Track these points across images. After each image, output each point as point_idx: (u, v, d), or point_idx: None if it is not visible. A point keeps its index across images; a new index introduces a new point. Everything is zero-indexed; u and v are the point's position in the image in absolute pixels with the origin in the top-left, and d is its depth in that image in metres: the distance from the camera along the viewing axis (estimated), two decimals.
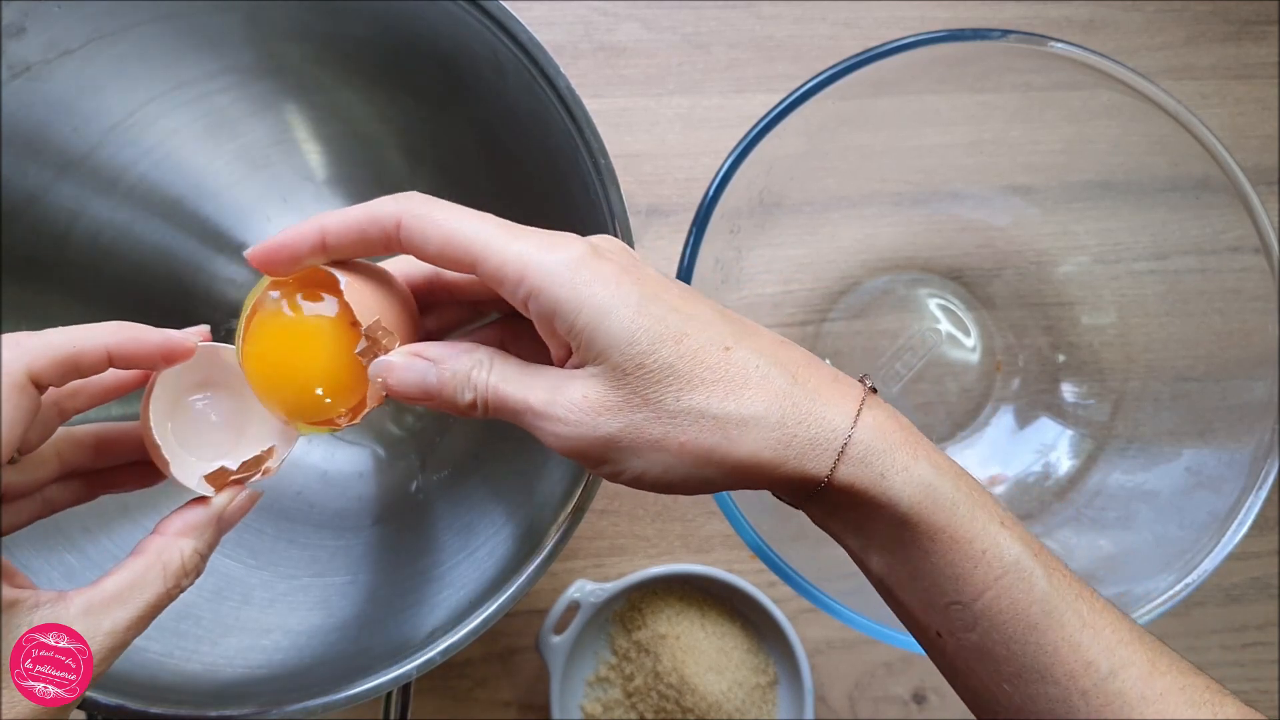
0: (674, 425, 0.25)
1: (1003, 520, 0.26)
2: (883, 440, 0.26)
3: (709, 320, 0.26)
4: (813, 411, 0.25)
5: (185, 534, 0.28)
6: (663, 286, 0.26)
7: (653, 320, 0.25)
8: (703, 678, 0.47)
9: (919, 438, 0.27)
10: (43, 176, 0.38)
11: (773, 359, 0.26)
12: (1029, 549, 0.26)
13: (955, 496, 0.26)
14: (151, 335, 0.27)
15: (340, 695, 0.33)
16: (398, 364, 0.27)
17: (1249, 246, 0.41)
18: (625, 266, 0.26)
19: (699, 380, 0.25)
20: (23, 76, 0.34)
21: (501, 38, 0.33)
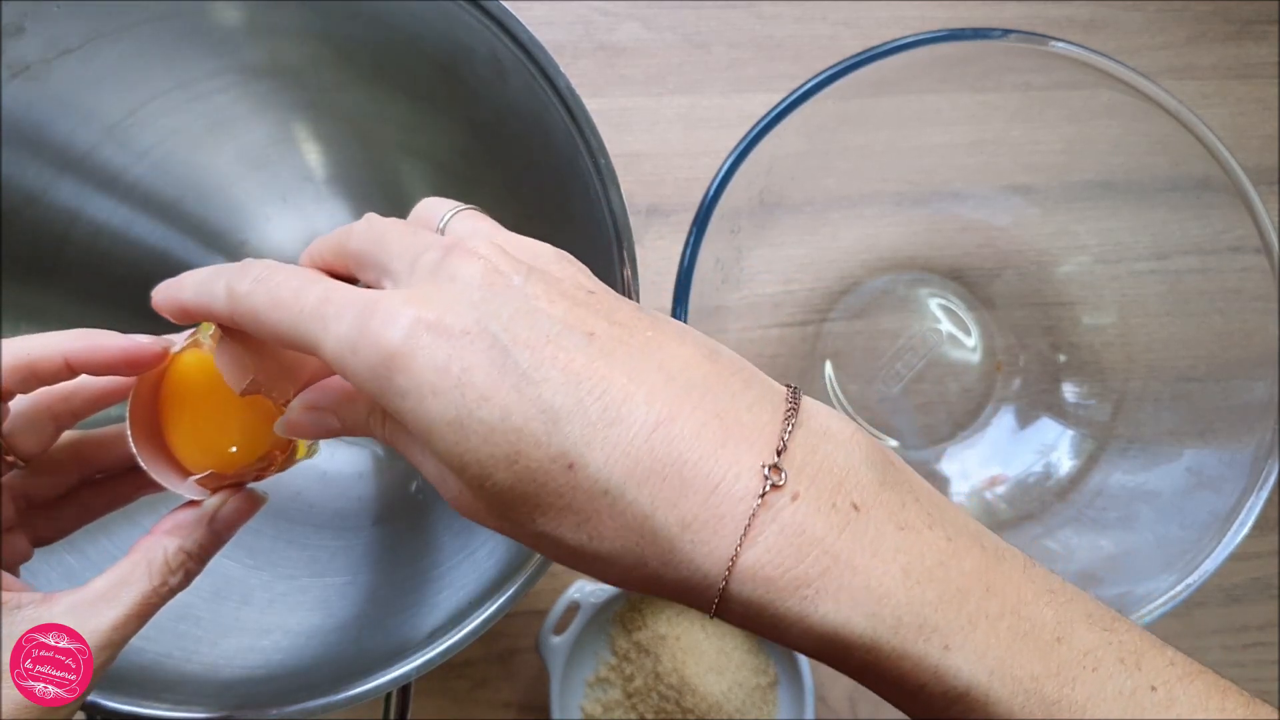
0: (539, 544, 0.22)
1: (948, 642, 0.20)
2: (767, 588, 0.20)
3: (549, 423, 0.20)
4: (676, 553, 0.20)
5: (171, 533, 0.27)
6: (497, 373, 0.20)
7: (478, 441, 0.20)
8: (703, 678, 0.47)
9: (829, 553, 0.20)
10: (42, 176, 0.37)
11: (629, 473, 0.20)
12: (984, 666, 0.20)
13: (875, 635, 0.20)
14: (112, 342, 0.27)
15: (340, 696, 0.33)
16: (295, 422, 0.25)
17: (1250, 246, 0.41)
18: (453, 351, 0.21)
19: (546, 504, 0.21)
20: (22, 76, 0.34)
21: (501, 37, 0.33)
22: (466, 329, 0.21)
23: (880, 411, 0.50)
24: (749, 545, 0.20)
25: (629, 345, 0.22)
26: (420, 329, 0.21)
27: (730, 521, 0.20)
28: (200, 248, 0.45)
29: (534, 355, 0.21)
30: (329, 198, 0.47)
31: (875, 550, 0.20)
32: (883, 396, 0.50)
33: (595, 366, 0.21)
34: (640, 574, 0.21)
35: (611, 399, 0.20)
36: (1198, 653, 0.24)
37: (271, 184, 0.45)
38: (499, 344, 0.21)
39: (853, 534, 0.20)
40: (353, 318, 0.21)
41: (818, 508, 0.20)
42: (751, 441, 0.21)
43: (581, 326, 0.21)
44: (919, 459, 0.50)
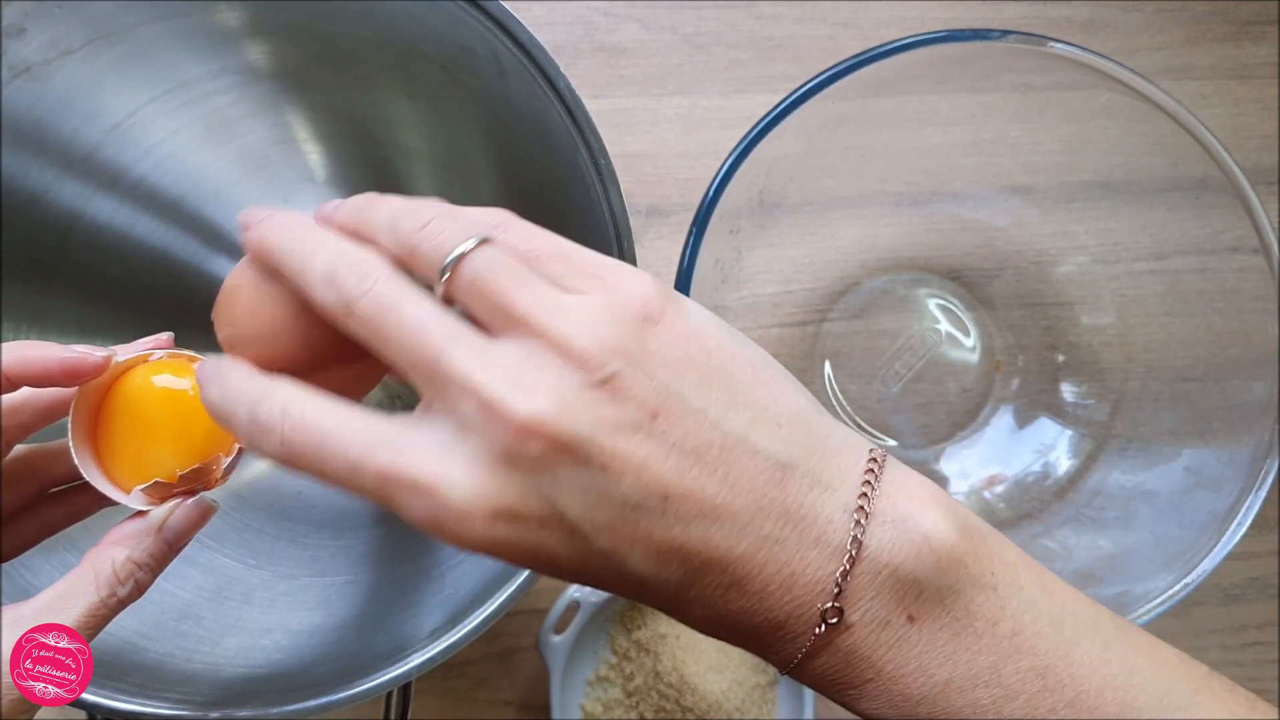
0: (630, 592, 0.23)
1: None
2: (820, 682, 0.22)
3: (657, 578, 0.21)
4: (762, 646, 0.22)
5: (120, 543, 0.27)
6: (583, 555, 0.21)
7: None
8: (703, 677, 0.47)
9: (878, 662, 0.22)
10: (44, 177, 0.38)
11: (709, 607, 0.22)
12: None
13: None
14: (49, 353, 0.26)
15: (340, 695, 0.33)
16: None
17: (1248, 246, 0.41)
18: (537, 542, 0.21)
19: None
20: (23, 77, 0.34)
21: (501, 38, 0.33)
22: (545, 519, 0.20)
23: (879, 411, 0.50)
24: (810, 658, 0.22)
25: (708, 436, 0.21)
26: (498, 522, 0.20)
27: (796, 641, 0.22)
28: (202, 248, 0.45)
29: (612, 536, 0.21)
30: (329, 198, 0.47)
31: (920, 664, 0.21)
32: (882, 396, 0.50)
33: (673, 537, 0.21)
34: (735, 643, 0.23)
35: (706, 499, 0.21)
36: (1196, 652, 0.24)
37: (272, 184, 0.46)
38: (578, 532, 0.21)
39: (901, 648, 0.21)
40: (421, 502, 0.20)
41: (871, 629, 0.21)
42: (818, 568, 0.21)
43: (659, 490, 0.20)
44: (918, 459, 0.50)
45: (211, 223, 0.45)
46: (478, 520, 0.20)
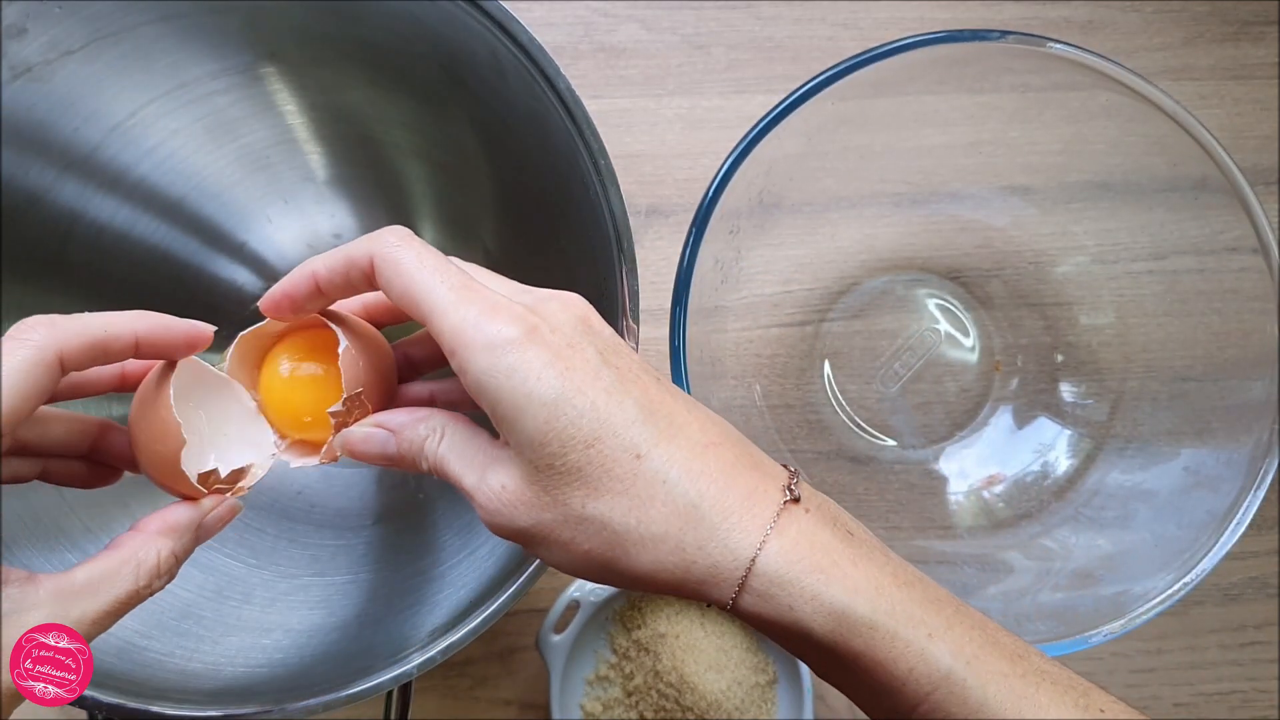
0: (579, 531, 0.25)
1: (932, 631, 0.25)
2: (790, 567, 0.24)
3: (628, 421, 0.25)
4: (714, 537, 0.24)
5: (166, 534, 0.28)
6: (592, 375, 0.25)
7: (566, 422, 0.24)
8: (702, 676, 0.47)
9: (835, 552, 0.25)
10: (44, 177, 0.38)
11: (686, 470, 0.25)
12: (962, 657, 0.25)
13: (874, 617, 0.24)
14: (177, 323, 0.28)
15: (341, 694, 0.33)
16: (356, 437, 0.28)
17: (1247, 247, 0.41)
18: (558, 351, 0.25)
19: (606, 489, 0.24)
20: (24, 77, 0.35)
21: (501, 39, 0.33)
22: (573, 343, 0.25)
23: (879, 411, 0.50)
24: (775, 535, 0.25)
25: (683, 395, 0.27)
26: (540, 329, 0.25)
27: (761, 519, 0.25)
28: (202, 248, 0.45)
29: (620, 376, 0.25)
30: (330, 198, 0.47)
31: (870, 560, 0.26)
32: (881, 396, 0.50)
33: (664, 398, 0.26)
34: (674, 559, 0.25)
35: (675, 420, 0.26)
36: (1195, 651, 0.24)
37: (273, 185, 0.46)
38: (598, 360, 0.25)
39: (851, 546, 0.26)
40: (483, 306, 0.25)
41: (824, 523, 0.26)
42: (774, 476, 0.26)
43: (651, 372, 0.27)
44: (917, 458, 0.50)
45: (212, 223, 0.45)
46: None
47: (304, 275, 0.28)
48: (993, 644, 0.25)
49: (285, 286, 0.28)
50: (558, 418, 0.24)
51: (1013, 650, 0.26)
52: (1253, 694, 0.51)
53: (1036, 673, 0.25)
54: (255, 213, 0.46)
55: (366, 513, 0.47)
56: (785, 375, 0.50)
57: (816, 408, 0.50)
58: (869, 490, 0.49)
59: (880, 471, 0.50)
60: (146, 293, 0.44)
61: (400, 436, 0.27)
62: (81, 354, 0.26)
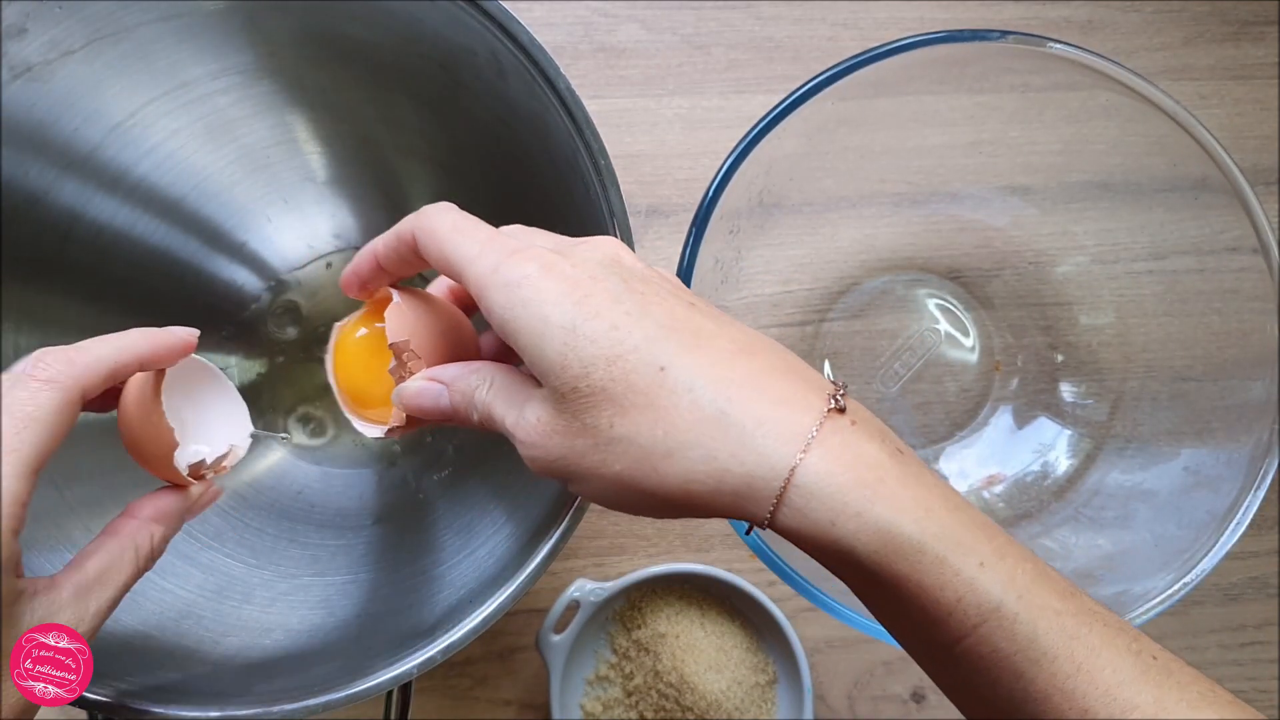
0: (609, 453, 0.24)
1: (983, 560, 0.23)
2: (831, 481, 0.23)
3: (651, 336, 0.24)
4: (748, 445, 0.23)
5: (158, 520, 0.29)
6: (612, 300, 0.24)
7: (585, 342, 0.24)
8: (702, 676, 0.47)
9: (883, 468, 0.23)
10: (44, 177, 0.38)
11: (712, 378, 0.24)
12: (1013, 589, 0.23)
13: (922, 540, 0.23)
14: (170, 334, 0.29)
15: (341, 694, 0.33)
16: (410, 390, 0.28)
17: (1247, 247, 0.41)
18: (576, 282, 0.25)
19: (630, 405, 0.24)
20: (24, 77, 0.35)
21: (502, 39, 0.33)
22: (595, 275, 0.25)
23: (879, 411, 0.50)
24: (818, 445, 0.23)
25: (717, 315, 0.26)
26: (558, 265, 0.25)
27: (800, 427, 0.23)
28: (202, 248, 0.45)
29: (644, 300, 0.25)
30: (330, 198, 0.47)
31: (919, 480, 0.24)
32: (881, 396, 0.50)
33: (692, 316, 0.25)
34: (706, 468, 0.23)
35: (701, 332, 0.25)
36: (1195, 651, 0.24)
37: (273, 185, 0.46)
38: (621, 287, 0.25)
39: (899, 464, 0.24)
40: (504, 252, 0.26)
41: (870, 436, 0.24)
42: (816, 385, 0.25)
43: (685, 297, 0.26)
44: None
45: (212, 223, 0.45)
46: None
47: (366, 254, 0.30)
48: (1044, 577, 0.24)
49: (353, 265, 0.30)
50: (576, 339, 0.24)
51: (1064, 587, 0.24)
52: (1253, 694, 0.51)
53: (1088, 611, 0.24)
54: (255, 213, 0.46)
55: (366, 513, 0.47)
56: None
57: None
58: None
59: None
60: (146, 293, 0.44)
61: (453, 389, 0.28)
62: (100, 386, 0.27)
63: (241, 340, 0.48)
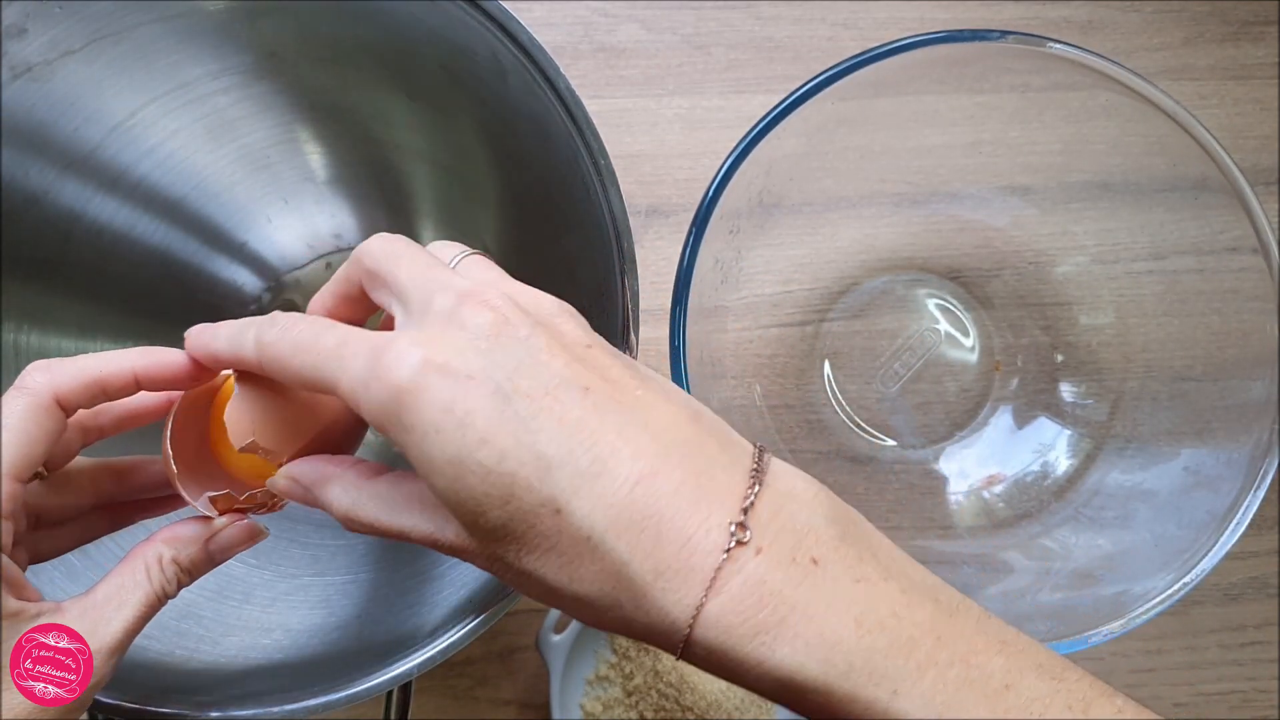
0: (523, 582, 0.24)
1: (897, 688, 0.21)
2: (728, 633, 0.22)
3: (542, 468, 0.22)
4: (648, 599, 0.22)
5: (169, 542, 0.28)
6: (497, 417, 0.22)
7: (475, 480, 0.22)
8: (702, 676, 0.47)
9: (787, 604, 0.22)
10: (44, 177, 0.38)
11: (611, 522, 0.22)
12: (933, 708, 0.22)
13: (828, 680, 0.21)
14: (179, 357, 0.28)
15: (341, 694, 0.33)
16: (279, 486, 0.28)
17: (1247, 247, 0.41)
18: (455, 392, 0.22)
19: (534, 545, 0.22)
20: (24, 77, 0.35)
21: (502, 39, 0.33)
22: (472, 374, 0.22)
23: (878, 411, 0.50)
24: (714, 594, 0.22)
25: (620, 402, 0.23)
26: (429, 370, 0.22)
27: (699, 573, 0.22)
28: (202, 248, 0.45)
29: (532, 405, 0.22)
30: (330, 199, 0.47)
31: (830, 601, 0.22)
32: (881, 396, 0.50)
33: (587, 421, 0.22)
34: (613, 616, 0.23)
35: (600, 452, 0.22)
36: (1195, 651, 0.24)
37: (273, 185, 0.46)
38: (501, 391, 0.22)
39: (810, 585, 0.22)
40: (367, 357, 0.23)
41: (778, 562, 0.22)
42: (723, 500, 0.22)
43: (578, 381, 0.23)
44: (917, 458, 0.50)
45: (212, 223, 0.45)
46: (417, 366, 0.22)
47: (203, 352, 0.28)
48: (973, 682, 0.22)
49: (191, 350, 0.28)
50: (465, 478, 0.22)
51: (1000, 681, 0.22)
52: (1253, 694, 0.51)
53: (1024, 705, 0.22)
54: (255, 213, 0.46)
55: None
56: (785, 375, 0.50)
57: (816, 408, 0.50)
58: (869, 490, 0.49)
59: (880, 471, 0.50)
60: (146, 293, 0.44)
61: (319, 491, 0.27)
62: (79, 394, 0.27)
63: None
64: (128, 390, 0.28)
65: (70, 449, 0.29)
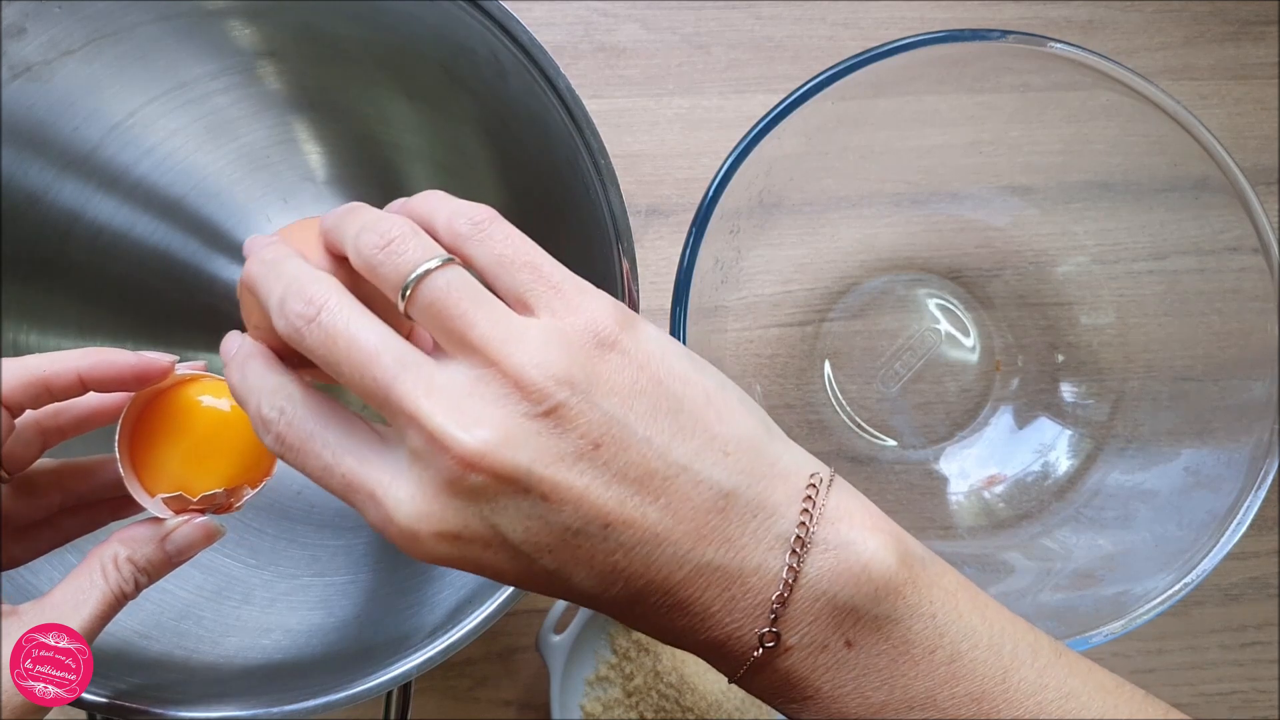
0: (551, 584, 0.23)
1: None
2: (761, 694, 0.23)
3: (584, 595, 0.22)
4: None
5: (123, 542, 0.28)
6: (526, 572, 0.22)
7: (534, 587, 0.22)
8: (702, 677, 0.47)
9: (815, 688, 0.22)
10: (44, 177, 0.38)
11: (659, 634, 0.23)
12: None
13: None
14: (124, 358, 0.28)
15: (341, 695, 0.33)
16: None
17: (1248, 246, 0.41)
18: (482, 561, 0.22)
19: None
20: (23, 77, 0.35)
21: (502, 38, 0.33)
22: (488, 541, 0.22)
23: (879, 411, 0.50)
24: (750, 675, 0.22)
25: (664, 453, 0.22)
26: (443, 542, 0.22)
27: (738, 659, 0.22)
28: (202, 248, 0.45)
29: (555, 558, 0.22)
30: (330, 198, 0.47)
31: (857, 686, 0.22)
32: (881, 396, 0.50)
33: (626, 504, 0.21)
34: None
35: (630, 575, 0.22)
36: (1195, 652, 0.24)
37: (272, 184, 0.46)
38: (521, 553, 0.22)
39: (838, 672, 0.22)
40: (375, 512, 0.22)
41: (809, 653, 0.22)
42: (757, 592, 0.22)
43: (599, 519, 0.21)
44: (917, 458, 0.50)
45: (212, 223, 0.45)
46: (423, 538, 0.22)
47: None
48: None
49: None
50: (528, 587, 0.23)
51: None
52: (1253, 694, 0.51)
53: None
54: (255, 213, 0.46)
55: None
56: (785, 375, 0.50)
57: (816, 408, 0.50)
58: (869, 490, 0.49)
59: (880, 471, 0.50)
60: (146, 292, 0.44)
61: None
62: (21, 394, 0.27)
63: None
64: (73, 391, 0.28)
65: (31, 451, 0.29)
